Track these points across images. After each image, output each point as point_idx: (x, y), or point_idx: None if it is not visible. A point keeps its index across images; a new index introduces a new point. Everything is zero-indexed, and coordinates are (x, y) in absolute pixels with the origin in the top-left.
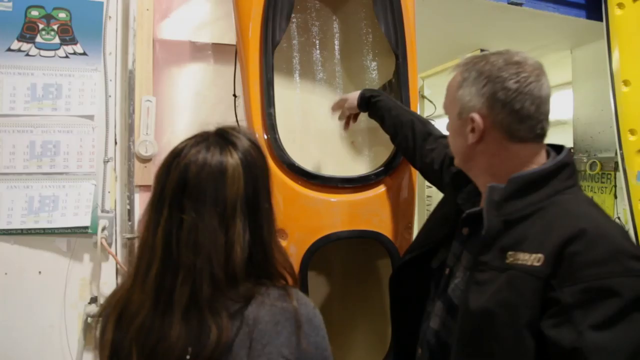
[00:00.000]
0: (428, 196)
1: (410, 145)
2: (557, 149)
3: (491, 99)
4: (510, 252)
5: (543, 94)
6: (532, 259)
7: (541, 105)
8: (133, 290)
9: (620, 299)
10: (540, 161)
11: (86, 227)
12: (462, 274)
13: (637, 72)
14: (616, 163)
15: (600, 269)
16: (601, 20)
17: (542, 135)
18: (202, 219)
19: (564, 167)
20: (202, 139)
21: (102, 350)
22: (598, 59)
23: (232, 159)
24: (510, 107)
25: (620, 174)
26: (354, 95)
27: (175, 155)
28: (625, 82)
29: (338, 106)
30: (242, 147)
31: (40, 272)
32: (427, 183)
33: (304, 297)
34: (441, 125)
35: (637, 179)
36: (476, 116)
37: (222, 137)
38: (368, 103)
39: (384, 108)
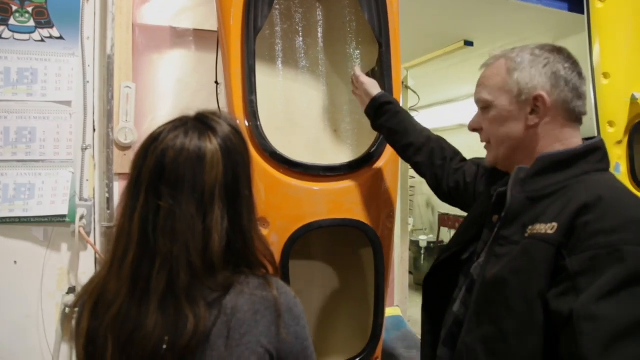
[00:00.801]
0: (411, 186)
1: (438, 163)
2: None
3: (554, 77)
4: (529, 227)
5: (585, 79)
6: (547, 227)
7: (585, 88)
8: (109, 278)
9: (626, 268)
10: (575, 144)
11: (64, 216)
12: (485, 253)
13: (617, 65)
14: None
15: (609, 238)
16: (583, 12)
17: (582, 117)
18: (179, 206)
19: (594, 150)
20: (181, 124)
21: (77, 339)
22: (579, 51)
23: (211, 145)
24: (573, 84)
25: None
26: (368, 90)
27: (153, 139)
28: (605, 75)
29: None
30: (221, 133)
31: (15, 262)
32: (410, 172)
33: (285, 286)
34: (426, 116)
35: (614, 170)
36: (543, 93)
37: (201, 122)
38: (379, 109)
39: (402, 118)
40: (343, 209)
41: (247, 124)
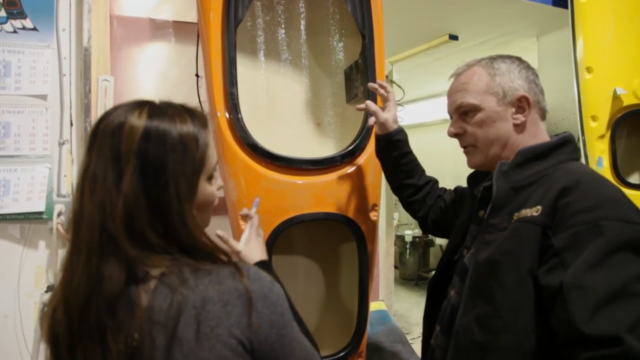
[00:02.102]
0: None
1: (429, 203)
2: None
3: (528, 80)
4: (516, 214)
5: None
6: (532, 211)
7: None
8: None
9: (606, 241)
10: (547, 139)
11: (41, 213)
12: (475, 244)
13: (600, 60)
14: (578, 150)
15: (588, 215)
16: (567, 7)
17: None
18: (99, 168)
19: (567, 142)
20: (132, 102)
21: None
22: (563, 46)
23: (138, 119)
24: (539, 86)
25: (582, 161)
26: (392, 119)
27: (105, 112)
28: (589, 69)
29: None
30: (160, 114)
31: None
32: None
33: (258, 273)
34: (411, 110)
35: (597, 164)
36: (527, 94)
37: (147, 103)
38: (394, 142)
39: (412, 159)
40: (326, 203)
41: (227, 116)
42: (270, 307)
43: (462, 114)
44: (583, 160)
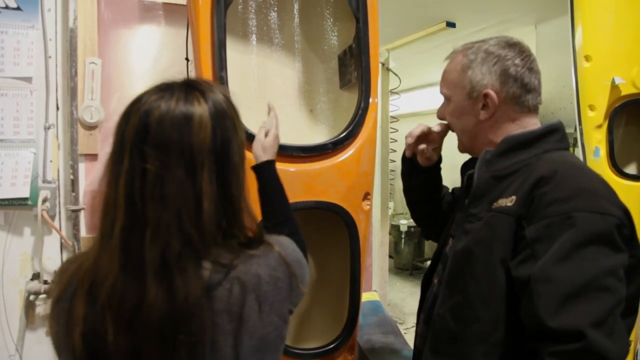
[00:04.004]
0: (392, 170)
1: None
2: None
3: (503, 75)
4: (494, 203)
5: (539, 70)
6: (507, 200)
7: (540, 79)
8: (100, 255)
9: (577, 233)
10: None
11: (25, 199)
12: (457, 232)
13: (599, 48)
14: (575, 139)
15: (562, 206)
16: None
17: (538, 106)
18: (167, 169)
19: (554, 131)
20: (166, 87)
21: (71, 330)
22: (561, 34)
23: (200, 107)
24: (521, 80)
25: (578, 150)
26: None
27: (136, 101)
28: (587, 58)
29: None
30: (212, 96)
31: None
32: (391, 156)
33: (279, 240)
34: (407, 99)
35: (594, 154)
36: (491, 92)
37: (189, 86)
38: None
39: (441, 179)
40: (317, 191)
41: None
42: (299, 265)
43: (444, 99)
44: (580, 150)
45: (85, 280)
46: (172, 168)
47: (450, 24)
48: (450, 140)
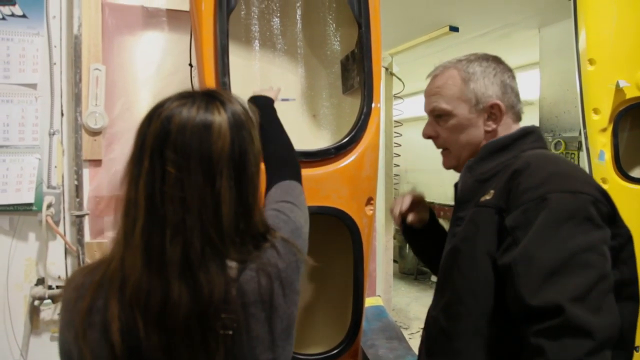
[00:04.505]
0: (396, 175)
1: None
2: None
3: (503, 85)
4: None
5: None
6: (487, 195)
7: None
8: (125, 253)
9: (552, 212)
10: None
11: (30, 204)
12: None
13: (603, 51)
14: (580, 142)
15: (536, 191)
16: None
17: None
18: (187, 174)
19: (529, 133)
20: (188, 95)
21: (109, 328)
22: (565, 38)
23: (219, 116)
24: (514, 89)
25: (583, 154)
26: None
27: (158, 106)
28: (591, 61)
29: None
30: (230, 107)
31: None
32: (395, 160)
33: (279, 219)
34: (411, 104)
35: (598, 157)
36: (499, 102)
37: (209, 96)
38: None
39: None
40: (320, 196)
41: None
42: (299, 233)
43: (436, 117)
44: (585, 154)
45: (114, 279)
46: (192, 173)
47: (454, 28)
48: None
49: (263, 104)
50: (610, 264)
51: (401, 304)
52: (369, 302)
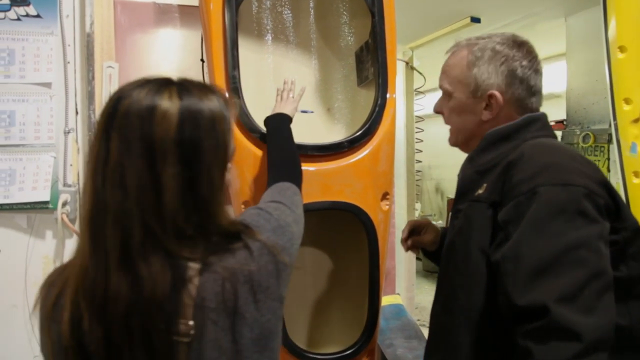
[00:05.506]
0: (418, 171)
1: None
2: None
3: (510, 76)
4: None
5: (542, 72)
6: (480, 189)
7: (542, 80)
8: (80, 241)
9: (541, 207)
10: None
11: (46, 202)
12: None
13: (634, 38)
14: (610, 135)
15: (527, 184)
16: None
17: (540, 108)
18: (128, 157)
19: (534, 121)
20: (148, 80)
21: (61, 316)
22: (593, 26)
23: (168, 101)
24: (527, 83)
25: (613, 146)
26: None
27: (118, 89)
28: (622, 49)
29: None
30: (191, 95)
31: (0, 251)
32: (417, 156)
33: (260, 218)
34: (433, 99)
35: (630, 150)
36: (496, 93)
37: (170, 82)
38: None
39: None
40: (333, 191)
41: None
42: (284, 235)
43: (444, 94)
44: (615, 147)
45: (75, 269)
46: (133, 156)
47: (475, 19)
48: None
49: (275, 124)
50: (609, 260)
51: (424, 302)
52: (387, 300)
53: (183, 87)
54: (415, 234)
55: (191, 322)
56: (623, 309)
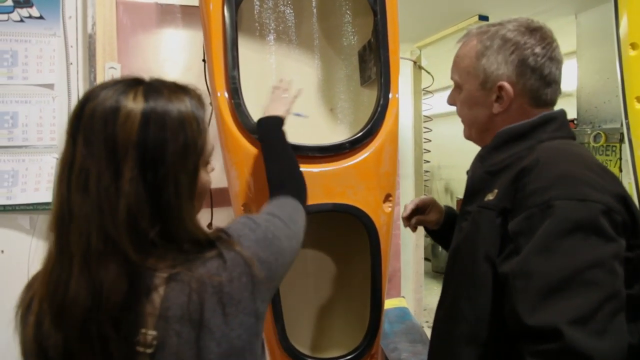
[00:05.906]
0: (426, 171)
1: None
2: None
3: (521, 66)
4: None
5: (562, 59)
6: (490, 195)
7: (561, 69)
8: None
9: (556, 223)
10: None
11: (48, 203)
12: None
13: None
14: (622, 134)
15: (542, 196)
16: None
17: (556, 99)
18: (91, 160)
19: (551, 120)
20: (118, 81)
21: (28, 318)
22: (604, 23)
23: (133, 102)
24: (540, 72)
25: (625, 146)
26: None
27: (87, 91)
28: (633, 45)
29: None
30: (157, 94)
31: (2, 251)
32: (425, 157)
33: (243, 229)
34: (441, 98)
35: None
36: (506, 84)
37: (137, 83)
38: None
39: None
40: (335, 193)
41: (229, 102)
42: (279, 254)
43: (455, 86)
44: (627, 146)
45: (43, 271)
46: (96, 159)
47: (483, 17)
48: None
49: (267, 129)
50: (622, 280)
51: (433, 303)
52: (392, 303)
53: (152, 87)
54: (419, 213)
55: (154, 333)
56: (633, 327)
